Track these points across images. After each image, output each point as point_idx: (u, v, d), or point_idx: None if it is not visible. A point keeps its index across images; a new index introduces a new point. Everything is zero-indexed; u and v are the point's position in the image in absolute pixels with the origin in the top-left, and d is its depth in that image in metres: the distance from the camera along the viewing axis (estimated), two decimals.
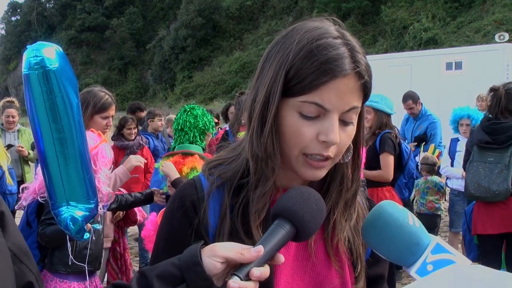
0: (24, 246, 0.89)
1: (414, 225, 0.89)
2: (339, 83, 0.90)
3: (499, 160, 3.85)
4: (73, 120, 2.07)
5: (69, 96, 2.05)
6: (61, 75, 2.01)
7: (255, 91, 0.99)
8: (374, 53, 24.21)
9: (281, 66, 0.93)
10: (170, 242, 0.96)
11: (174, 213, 1.02)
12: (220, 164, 1.06)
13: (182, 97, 36.96)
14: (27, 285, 0.86)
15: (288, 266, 1.00)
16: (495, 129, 3.91)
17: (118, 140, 5.87)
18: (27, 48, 2.05)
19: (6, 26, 63.02)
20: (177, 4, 44.62)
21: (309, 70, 0.90)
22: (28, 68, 1.99)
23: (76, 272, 2.68)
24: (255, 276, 0.80)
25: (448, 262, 0.88)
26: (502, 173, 3.83)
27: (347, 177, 1.03)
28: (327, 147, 0.93)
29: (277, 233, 0.84)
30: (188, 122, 3.38)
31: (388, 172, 4.32)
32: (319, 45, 0.91)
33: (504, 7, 23.04)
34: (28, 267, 0.87)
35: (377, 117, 4.39)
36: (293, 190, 0.89)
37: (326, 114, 0.92)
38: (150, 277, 0.82)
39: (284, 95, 0.93)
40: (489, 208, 3.92)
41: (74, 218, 2.15)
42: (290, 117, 0.94)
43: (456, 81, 14.41)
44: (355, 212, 1.06)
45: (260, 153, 0.95)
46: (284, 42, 0.96)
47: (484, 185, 3.87)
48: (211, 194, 1.01)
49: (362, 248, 1.06)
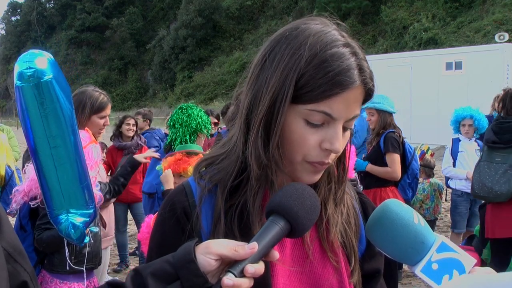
0: (18, 246, 0.88)
1: (419, 224, 0.89)
2: (348, 94, 0.91)
3: (505, 160, 3.85)
4: (68, 129, 2.06)
5: (64, 106, 2.03)
6: (55, 86, 1.99)
7: (255, 92, 0.96)
8: (374, 53, 24.24)
9: (290, 71, 0.91)
10: (162, 250, 0.95)
11: (166, 221, 1.01)
12: (210, 164, 1.05)
13: (182, 97, 37.00)
14: (21, 284, 0.86)
15: (284, 267, 0.99)
16: (501, 128, 3.93)
17: (116, 140, 5.85)
18: (19, 59, 2.01)
19: (6, 26, 63.12)
20: (177, 4, 44.68)
21: (322, 80, 0.89)
22: (21, 80, 1.95)
23: (76, 272, 2.68)
24: (249, 272, 0.79)
25: (453, 261, 0.88)
26: (506, 173, 3.83)
27: (334, 173, 1.04)
28: (329, 154, 0.94)
29: (271, 230, 0.84)
30: (180, 119, 3.37)
31: (396, 170, 4.30)
32: (333, 54, 0.91)
33: (504, 7, 23.07)
34: (23, 266, 0.86)
35: (381, 118, 4.40)
36: (288, 186, 0.88)
37: (332, 122, 0.92)
38: (145, 274, 0.82)
39: (291, 101, 0.92)
40: (498, 211, 3.92)
41: (75, 226, 2.15)
42: (295, 123, 0.92)
43: (456, 81, 14.42)
44: (345, 206, 1.06)
45: (267, 160, 0.95)
46: (290, 44, 0.93)
47: (487, 185, 3.88)
48: (203, 199, 1.00)
49: (355, 239, 1.06)
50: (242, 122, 0.99)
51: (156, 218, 1.05)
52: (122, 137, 5.82)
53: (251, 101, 0.97)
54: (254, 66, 0.99)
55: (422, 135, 13.11)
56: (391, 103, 4.48)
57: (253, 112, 0.96)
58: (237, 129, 1.01)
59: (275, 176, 0.96)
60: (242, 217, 0.97)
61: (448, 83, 14.57)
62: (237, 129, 1.01)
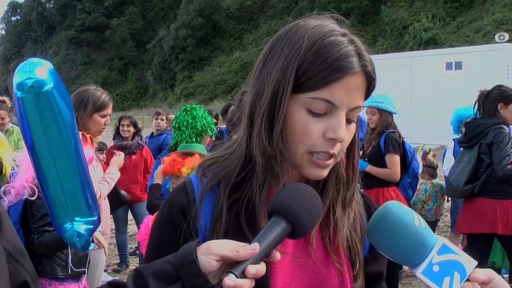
0: (19, 246, 0.88)
1: (420, 226, 0.89)
2: (348, 80, 0.91)
3: (468, 159, 3.94)
4: (69, 137, 2.05)
5: (64, 114, 2.02)
6: (56, 95, 1.98)
7: (257, 88, 0.97)
8: (374, 53, 24.22)
9: (290, 61, 0.92)
10: (160, 251, 0.95)
11: (163, 220, 1.01)
12: (213, 163, 1.05)
13: (182, 97, 36.99)
14: (22, 284, 0.85)
15: (286, 266, 0.99)
16: (468, 127, 4.03)
17: (117, 139, 5.86)
18: (18, 69, 1.99)
19: (6, 26, 63.08)
20: (177, 4, 44.65)
21: (322, 66, 0.90)
22: (21, 90, 1.93)
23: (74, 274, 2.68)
24: (250, 273, 0.79)
25: (454, 263, 0.88)
26: (463, 170, 3.93)
27: (342, 175, 1.03)
28: (333, 144, 0.93)
29: (273, 231, 0.84)
30: (185, 121, 3.37)
31: (395, 172, 4.32)
32: (331, 42, 0.92)
33: (504, 7, 23.06)
34: (24, 266, 0.86)
35: (383, 118, 4.40)
36: (289, 187, 0.88)
37: (334, 111, 0.92)
38: (146, 275, 0.82)
39: (292, 91, 0.93)
40: (463, 207, 4.09)
41: (80, 234, 2.16)
42: (298, 113, 0.93)
43: (456, 81, 14.42)
44: (352, 210, 1.06)
45: (272, 150, 0.94)
46: (290, 38, 0.95)
47: (451, 182, 4.04)
48: (204, 195, 1.00)
49: (360, 245, 1.06)
50: (246, 119, 0.99)
51: (156, 217, 1.06)
52: (123, 137, 5.84)
53: (254, 97, 0.98)
54: (256, 66, 1.00)
55: (422, 135, 13.12)
56: (393, 103, 4.49)
57: (256, 106, 0.96)
58: (242, 129, 1.02)
59: (280, 167, 0.96)
60: (248, 210, 0.97)
61: (448, 83, 14.56)
62: (242, 128, 1.02)
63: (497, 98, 3.88)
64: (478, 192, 3.84)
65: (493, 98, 3.89)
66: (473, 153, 3.89)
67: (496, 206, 3.75)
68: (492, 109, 3.88)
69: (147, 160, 5.86)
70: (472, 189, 3.86)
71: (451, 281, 0.86)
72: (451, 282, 0.86)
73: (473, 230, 3.91)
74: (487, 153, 3.81)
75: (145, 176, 5.82)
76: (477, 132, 3.89)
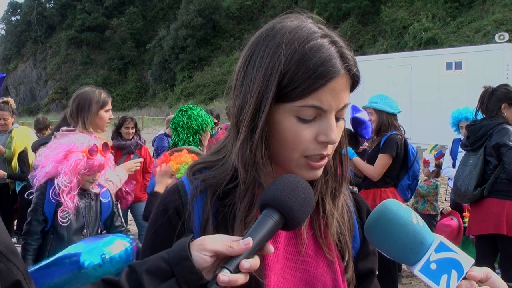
0: (10, 245, 0.87)
1: (418, 224, 0.89)
2: (334, 83, 0.91)
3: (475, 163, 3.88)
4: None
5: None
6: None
7: (242, 97, 0.97)
8: (374, 53, 24.22)
9: (272, 72, 0.91)
10: (155, 250, 0.95)
11: (158, 221, 1.02)
12: (204, 168, 1.05)
13: (182, 97, 36.97)
14: (15, 283, 0.84)
15: (278, 265, 0.99)
16: (470, 130, 3.96)
17: (116, 139, 5.86)
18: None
19: (6, 26, 63.07)
20: (177, 4, 44.65)
21: (306, 75, 0.90)
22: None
23: None
24: (244, 268, 0.80)
25: (451, 261, 0.88)
26: (470, 174, 3.87)
27: (330, 166, 1.04)
28: (326, 146, 0.94)
29: (265, 224, 0.84)
30: (181, 122, 3.37)
31: (378, 172, 4.19)
32: (312, 47, 0.91)
33: (504, 7, 23.05)
34: (16, 265, 0.85)
35: (379, 118, 4.26)
36: (281, 179, 0.88)
37: (324, 115, 0.93)
38: (140, 272, 0.82)
39: (278, 100, 0.92)
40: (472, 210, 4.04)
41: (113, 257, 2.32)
42: (287, 122, 0.93)
43: (456, 81, 14.41)
44: (340, 201, 1.07)
45: (250, 160, 0.95)
46: (268, 45, 0.94)
47: (458, 187, 3.95)
48: (195, 198, 1.00)
49: (349, 235, 1.06)
50: (233, 129, 1.00)
51: (150, 218, 1.06)
52: (122, 137, 5.84)
53: (239, 107, 0.97)
54: (238, 72, 1.00)
55: (422, 135, 13.11)
56: (392, 103, 4.36)
57: (241, 118, 0.97)
58: (230, 137, 1.03)
59: (263, 179, 0.96)
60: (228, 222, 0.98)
61: (448, 83, 14.55)
62: (230, 136, 1.03)
63: (502, 98, 3.82)
64: (487, 194, 3.79)
65: (497, 97, 3.82)
66: (479, 156, 3.83)
67: (506, 206, 3.70)
68: (495, 108, 3.82)
69: (146, 159, 5.86)
70: (481, 192, 3.80)
71: (449, 279, 0.87)
72: (448, 280, 0.87)
73: (481, 231, 3.87)
74: (493, 154, 3.75)
75: (145, 175, 5.81)
76: (481, 135, 3.83)
